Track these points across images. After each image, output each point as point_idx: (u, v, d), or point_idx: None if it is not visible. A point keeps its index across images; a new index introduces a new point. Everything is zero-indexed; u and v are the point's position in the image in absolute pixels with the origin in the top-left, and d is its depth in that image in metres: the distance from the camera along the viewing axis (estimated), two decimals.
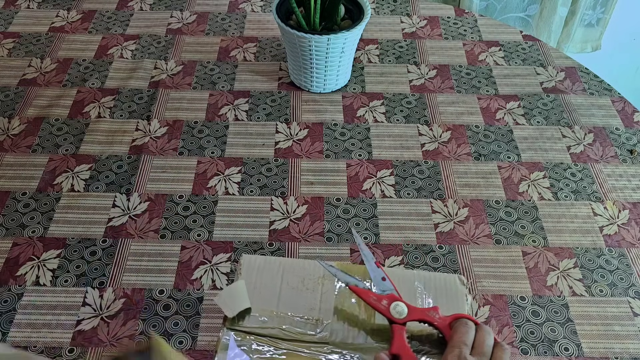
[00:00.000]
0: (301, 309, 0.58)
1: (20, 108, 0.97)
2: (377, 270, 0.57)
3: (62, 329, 0.69)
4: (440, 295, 0.59)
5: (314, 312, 0.57)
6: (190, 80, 1.02)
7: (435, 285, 0.59)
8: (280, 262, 0.61)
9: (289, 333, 0.56)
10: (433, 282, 0.60)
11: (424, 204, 0.84)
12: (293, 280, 0.60)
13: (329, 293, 0.59)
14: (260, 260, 0.61)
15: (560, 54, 1.10)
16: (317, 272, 0.60)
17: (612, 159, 0.91)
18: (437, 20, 1.17)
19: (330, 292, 0.59)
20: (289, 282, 0.60)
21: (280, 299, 0.58)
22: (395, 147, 0.92)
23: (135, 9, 1.19)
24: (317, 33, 0.89)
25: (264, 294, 0.58)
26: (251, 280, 0.59)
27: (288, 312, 0.57)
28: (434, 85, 1.02)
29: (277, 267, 0.61)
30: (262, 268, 0.60)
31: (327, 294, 0.59)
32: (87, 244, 0.78)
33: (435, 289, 0.59)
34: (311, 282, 0.60)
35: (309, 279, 0.60)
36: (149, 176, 0.87)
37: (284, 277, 0.60)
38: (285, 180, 0.86)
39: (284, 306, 0.58)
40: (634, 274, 0.76)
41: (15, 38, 1.11)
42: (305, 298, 0.59)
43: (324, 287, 0.59)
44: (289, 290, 0.59)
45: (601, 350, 0.69)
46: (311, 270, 0.60)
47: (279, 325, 0.56)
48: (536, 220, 0.82)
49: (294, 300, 0.58)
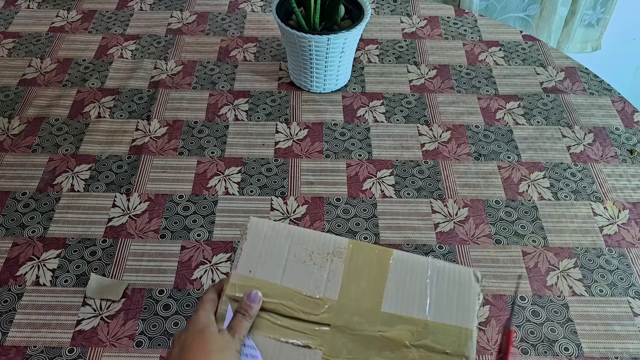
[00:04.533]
0: (306, 285, 0.56)
1: (20, 108, 0.97)
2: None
3: (62, 329, 0.69)
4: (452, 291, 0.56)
5: (319, 291, 0.55)
6: (190, 80, 1.02)
7: (448, 278, 0.56)
8: (289, 230, 0.58)
9: (289, 310, 0.54)
10: (446, 275, 0.57)
11: (424, 204, 0.84)
12: (301, 253, 0.57)
13: (337, 271, 0.56)
14: (269, 226, 0.58)
15: (560, 54, 1.10)
16: (327, 248, 0.57)
17: (612, 159, 0.91)
18: (437, 20, 1.17)
19: (339, 270, 0.56)
20: (296, 255, 0.57)
21: (285, 272, 0.56)
22: (395, 147, 0.92)
23: (135, 9, 1.19)
24: (317, 33, 0.89)
25: (268, 264, 0.56)
26: (257, 246, 0.57)
27: (291, 287, 0.55)
28: (434, 85, 1.02)
29: (285, 236, 0.58)
30: (270, 236, 0.57)
31: (335, 273, 0.56)
32: (87, 244, 0.78)
33: (448, 282, 0.56)
34: (319, 258, 0.57)
35: (317, 253, 0.57)
36: (149, 176, 0.87)
37: (292, 249, 0.57)
38: (285, 180, 0.86)
39: (288, 280, 0.56)
40: (634, 274, 0.76)
41: (15, 38, 1.11)
42: (312, 274, 0.56)
43: (332, 264, 0.57)
44: (295, 263, 0.56)
45: (601, 350, 0.69)
46: (321, 244, 0.57)
47: (279, 299, 0.55)
48: (536, 220, 0.82)
49: (299, 275, 0.56)
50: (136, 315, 0.71)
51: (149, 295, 0.73)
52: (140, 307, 0.72)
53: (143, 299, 0.72)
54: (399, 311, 0.55)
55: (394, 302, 0.56)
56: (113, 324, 0.70)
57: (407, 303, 0.55)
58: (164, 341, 0.68)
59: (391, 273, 0.57)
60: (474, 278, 0.56)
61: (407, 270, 0.57)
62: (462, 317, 0.55)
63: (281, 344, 0.53)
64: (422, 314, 0.55)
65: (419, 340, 0.54)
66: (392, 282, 0.57)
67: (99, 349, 0.68)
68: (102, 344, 0.68)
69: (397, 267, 0.57)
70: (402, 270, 0.57)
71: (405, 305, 0.55)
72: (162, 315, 0.71)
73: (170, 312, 0.71)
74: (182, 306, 0.72)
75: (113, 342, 0.68)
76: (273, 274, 0.56)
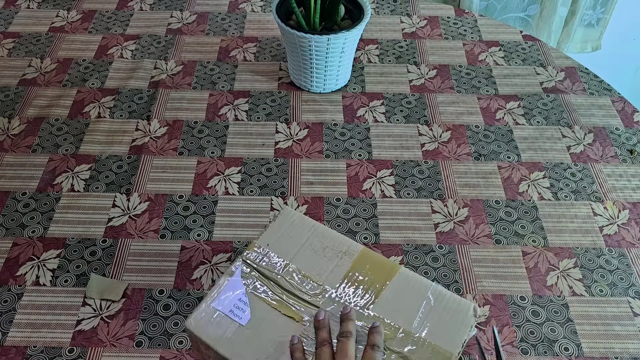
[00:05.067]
0: (310, 270, 0.62)
1: (20, 108, 0.97)
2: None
3: (62, 329, 0.69)
4: (446, 314, 0.58)
5: (321, 278, 0.61)
6: (190, 80, 1.02)
7: (447, 305, 0.59)
8: (314, 225, 0.66)
9: (288, 284, 0.61)
10: (446, 301, 0.60)
11: (424, 204, 0.84)
12: (317, 244, 0.64)
13: (342, 267, 0.62)
14: (298, 217, 0.66)
15: (560, 54, 1.10)
16: (341, 247, 0.64)
17: (612, 159, 0.91)
18: (437, 20, 1.17)
19: (344, 267, 0.62)
20: (312, 244, 0.64)
21: (297, 254, 0.63)
22: (395, 147, 0.92)
23: (135, 9, 1.19)
24: (317, 33, 0.89)
25: (285, 244, 0.63)
26: (281, 228, 0.65)
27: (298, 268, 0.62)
28: (434, 85, 1.02)
29: (309, 228, 0.65)
30: (296, 224, 0.65)
31: (340, 268, 0.62)
32: (87, 244, 0.78)
33: (445, 308, 0.59)
34: (331, 253, 0.63)
35: (331, 249, 0.63)
36: (149, 176, 0.87)
37: (310, 239, 0.64)
38: (285, 180, 0.86)
39: (297, 261, 0.62)
40: (634, 274, 0.76)
41: (15, 38, 1.11)
42: (319, 264, 0.62)
43: (341, 260, 0.63)
44: (309, 251, 0.63)
45: (601, 350, 0.69)
46: (337, 243, 0.64)
47: (284, 275, 0.61)
48: (536, 220, 0.82)
49: (308, 260, 0.63)
50: (136, 315, 0.71)
51: (149, 295, 0.73)
52: (140, 307, 0.72)
53: (143, 299, 0.72)
54: (387, 317, 0.59)
55: (385, 307, 0.59)
56: (113, 324, 0.70)
57: (397, 312, 0.59)
58: (164, 341, 0.68)
59: (391, 283, 0.61)
60: (472, 312, 0.59)
61: (408, 285, 0.61)
62: (448, 340, 0.57)
63: (270, 309, 0.59)
64: (408, 325, 0.58)
65: (397, 347, 0.56)
66: (390, 290, 0.61)
67: (99, 349, 0.68)
68: (102, 344, 0.68)
69: (399, 279, 0.61)
70: (403, 283, 0.61)
71: (395, 313, 0.59)
72: (162, 315, 0.71)
73: (170, 312, 0.71)
74: (182, 306, 0.72)
75: (113, 342, 0.68)
76: (286, 252, 0.63)
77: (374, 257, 0.63)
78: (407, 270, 0.62)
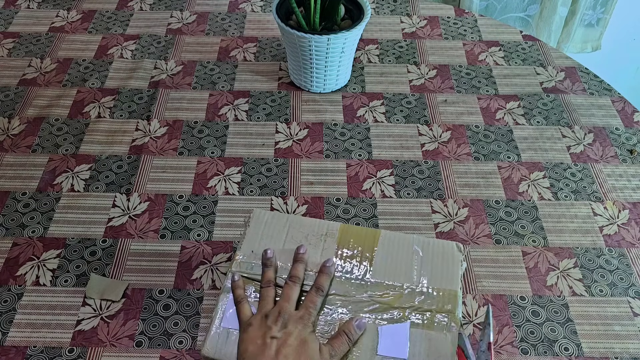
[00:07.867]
0: None
1: (20, 108, 0.97)
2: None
3: (62, 329, 0.69)
4: (437, 259, 0.62)
5: (314, 266, 0.62)
6: (190, 80, 1.02)
7: (433, 250, 0.63)
8: (288, 218, 0.66)
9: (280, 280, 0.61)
10: (431, 247, 0.63)
11: (424, 204, 0.84)
12: (297, 235, 0.64)
13: (329, 250, 0.63)
14: (270, 215, 0.66)
15: (560, 54, 1.10)
16: (321, 231, 0.65)
17: (612, 159, 0.91)
18: (437, 20, 1.17)
19: (331, 249, 0.63)
20: (293, 237, 0.64)
21: (283, 251, 0.63)
22: (395, 147, 0.92)
23: (135, 9, 1.19)
24: (317, 33, 0.89)
25: (267, 245, 0.63)
26: (258, 231, 0.65)
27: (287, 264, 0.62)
28: (434, 85, 1.02)
29: (284, 222, 0.65)
30: (270, 222, 0.66)
31: (327, 251, 0.63)
32: (87, 244, 0.78)
33: (433, 253, 0.63)
34: (314, 239, 0.64)
35: (312, 235, 0.64)
36: (149, 176, 0.87)
37: (289, 232, 0.65)
38: (285, 180, 0.86)
39: (286, 258, 0.63)
40: (634, 274, 0.76)
41: (15, 38, 1.11)
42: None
43: (325, 243, 0.64)
44: (293, 244, 0.63)
45: (601, 350, 0.69)
46: (316, 228, 0.65)
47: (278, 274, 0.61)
48: (536, 220, 0.82)
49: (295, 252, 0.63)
50: (136, 315, 0.71)
51: (149, 295, 0.73)
52: (140, 307, 0.72)
53: (143, 299, 0.72)
54: (387, 279, 0.61)
55: (383, 271, 0.62)
56: (113, 324, 0.70)
57: (395, 271, 0.61)
58: (164, 341, 0.69)
59: (378, 248, 0.63)
60: (457, 248, 0.63)
61: (394, 245, 0.63)
62: (446, 280, 0.61)
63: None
64: (409, 280, 0.61)
65: (408, 302, 0.59)
66: (380, 255, 0.63)
67: (99, 349, 0.68)
68: (102, 344, 0.68)
69: (384, 242, 0.64)
70: (388, 245, 0.64)
71: (392, 274, 0.61)
72: (162, 315, 0.71)
73: (170, 312, 0.71)
74: (182, 306, 0.72)
75: (113, 342, 0.68)
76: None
77: (354, 230, 0.65)
78: (386, 232, 0.64)
